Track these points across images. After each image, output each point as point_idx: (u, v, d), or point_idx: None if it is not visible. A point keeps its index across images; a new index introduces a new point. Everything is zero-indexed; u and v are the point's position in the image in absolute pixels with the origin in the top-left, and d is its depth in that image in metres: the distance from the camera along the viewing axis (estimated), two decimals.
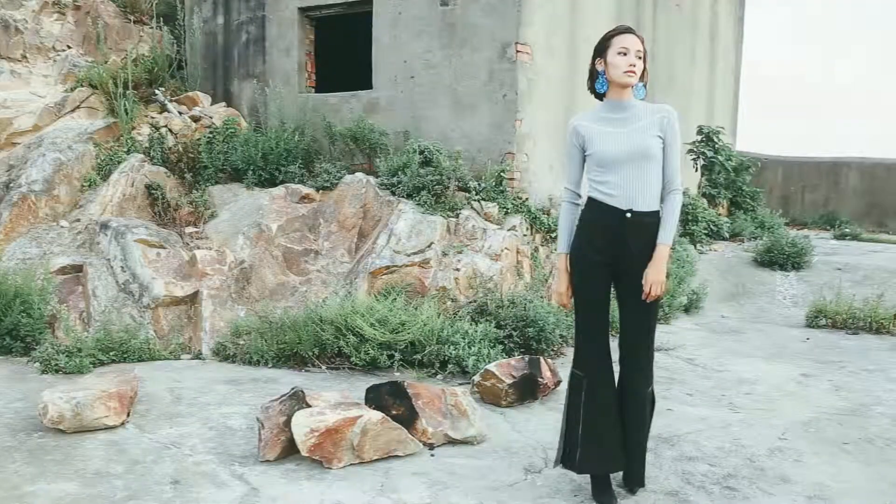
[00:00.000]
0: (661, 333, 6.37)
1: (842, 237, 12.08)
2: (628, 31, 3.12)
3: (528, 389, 4.49)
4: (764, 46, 42.89)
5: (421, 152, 6.68)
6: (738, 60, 12.71)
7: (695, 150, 10.61)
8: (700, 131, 10.78)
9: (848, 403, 4.69)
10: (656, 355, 5.75)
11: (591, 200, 3.19)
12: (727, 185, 11.44)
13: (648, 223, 3.11)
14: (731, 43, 12.29)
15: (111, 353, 5.13)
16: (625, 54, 3.05)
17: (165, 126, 7.53)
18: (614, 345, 3.27)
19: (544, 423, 4.21)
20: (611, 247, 3.12)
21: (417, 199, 6.41)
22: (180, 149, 7.19)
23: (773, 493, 3.36)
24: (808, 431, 4.16)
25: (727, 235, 10.40)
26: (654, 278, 3.10)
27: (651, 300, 3.12)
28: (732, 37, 12.37)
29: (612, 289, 3.27)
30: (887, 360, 5.85)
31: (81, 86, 7.64)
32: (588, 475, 3.27)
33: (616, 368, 3.29)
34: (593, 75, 3.21)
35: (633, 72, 3.06)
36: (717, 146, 10.90)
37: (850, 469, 3.65)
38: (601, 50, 3.14)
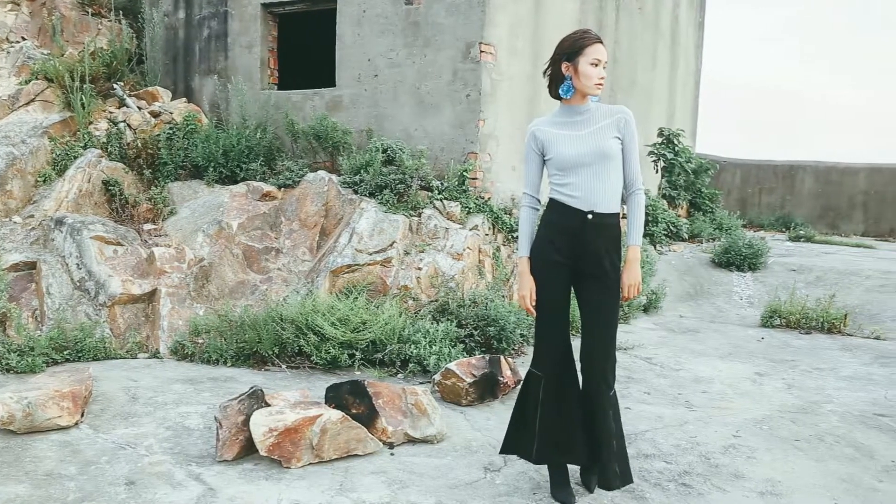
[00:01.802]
0: (621, 333, 6.44)
1: (797, 239, 12.35)
2: (599, 40, 3.11)
3: (488, 388, 4.51)
4: (723, 52, 43.61)
5: (384, 151, 6.67)
6: (698, 64, 12.91)
7: (655, 151, 10.75)
8: (660, 133, 10.93)
9: (800, 401, 4.80)
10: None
11: (552, 202, 3.21)
12: (687, 187, 11.61)
13: (609, 224, 3.15)
14: (691, 47, 12.48)
15: (65, 352, 5.03)
16: (596, 65, 3.06)
17: (124, 121, 7.40)
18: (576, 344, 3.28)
19: (504, 421, 4.20)
20: (572, 248, 3.15)
21: (380, 197, 6.39)
22: (139, 144, 7.07)
23: (727, 489, 3.42)
24: (761, 429, 4.25)
25: (686, 236, 10.57)
26: (632, 281, 3.18)
27: (626, 301, 3.19)
28: (693, 41, 12.56)
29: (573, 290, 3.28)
30: (838, 358, 6.00)
31: (36, 78, 7.47)
32: (547, 474, 3.30)
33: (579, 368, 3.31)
34: (557, 79, 3.16)
35: (603, 84, 3.11)
36: (677, 148, 11.06)
37: (801, 465, 3.73)
38: (572, 55, 3.08)
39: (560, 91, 3.15)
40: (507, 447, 3.38)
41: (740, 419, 4.41)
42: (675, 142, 11.00)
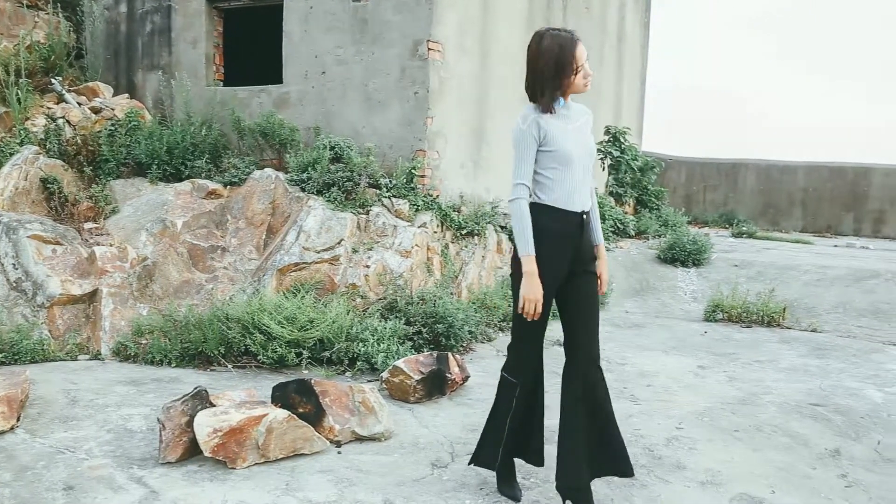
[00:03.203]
0: None
1: (739, 235, 12.66)
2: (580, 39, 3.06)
3: (436, 385, 4.53)
4: (667, 54, 44.41)
5: (331, 148, 6.63)
6: (644, 64, 13.14)
7: (602, 149, 10.91)
8: (607, 131, 11.10)
9: (740, 393, 4.93)
10: (559, 349, 5.91)
11: (543, 207, 3.03)
12: (633, 185, 11.81)
13: (591, 222, 3.20)
14: (637, 47, 12.69)
15: (0, 355, 4.88)
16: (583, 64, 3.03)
17: (63, 117, 7.20)
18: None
19: (452, 418, 4.26)
20: (573, 253, 3.08)
21: (328, 195, 6.35)
22: (79, 141, 6.89)
23: (669, 480, 3.50)
24: (702, 420, 4.34)
25: (633, 233, 10.75)
26: (607, 276, 3.28)
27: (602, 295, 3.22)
28: (639, 41, 12.77)
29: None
30: (777, 351, 6.17)
31: None
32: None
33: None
34: (552, 96, 3.03)
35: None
36: (623, 146, 11.25)
37: (740, 455, 3.83)
38: (572, 66, 2.99)
39: (555, 105, 3.07)
40: (479, 459, 3.31)
41: (683, 412, 4.50)
42: (622, 140, 11.18)
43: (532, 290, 2.96)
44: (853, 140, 40.18)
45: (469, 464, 3.35)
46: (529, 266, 2.95)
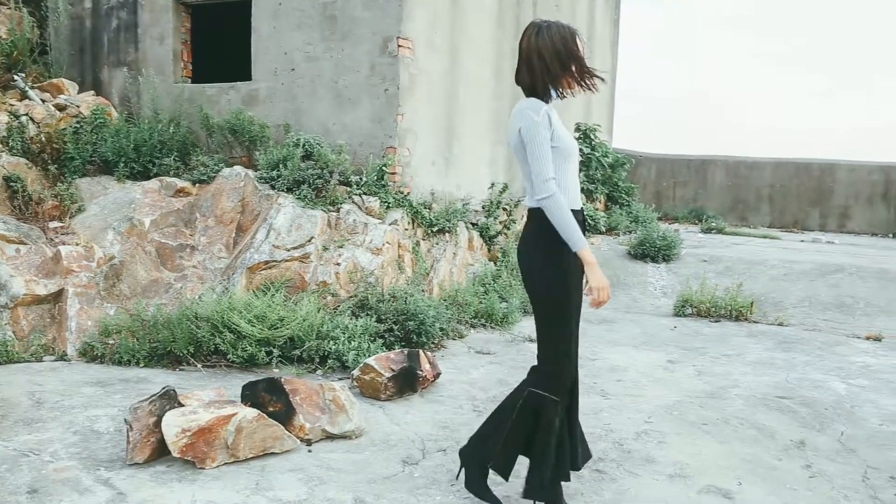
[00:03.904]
0: None
1: (708, 231, 12.81)
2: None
3: (407, 382, 4.52)
4: (636, 54, 44.78)
5: (302, 146, 6.59)
6: (613, 61, 13.23)
7: None
8: (578, 128, 11.16)
9: (709, 387, 4.99)
10: (533, 347, 5.92)
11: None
12: (604, 181, 11.89)
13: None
14: (607, 44, 12.77)
15: None
16: None
17: (26, 114, 7.06)
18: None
19: (423, 415, 4.26)
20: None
21: (298, 193, 6.31)
22: (43, 139, 6.77)
23: (639, 473, 3.53)
24: (672, 414, 4.39)
25: (604, 229, 10.83)
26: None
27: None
28: (609, 38, 12.85)
29: None
30: (745, 345, 6.26)
31: None
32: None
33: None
34: (556, 88, 2.95)
35: None
36: (593, 143, 11.32)
37: (708, 448, 3.88)
38: (576, 58, 2.94)
39: (553, 93, 2.99)
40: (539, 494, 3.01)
41: (652, 406, 4.55)
42: (592, 137, 11.26)
43: (602, 278, 2.88)
44: (821, 138, 40.87)
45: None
46: (590, 257, 2.86)
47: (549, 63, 2.89)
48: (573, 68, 2.93)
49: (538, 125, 2.82)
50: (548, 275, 2.90)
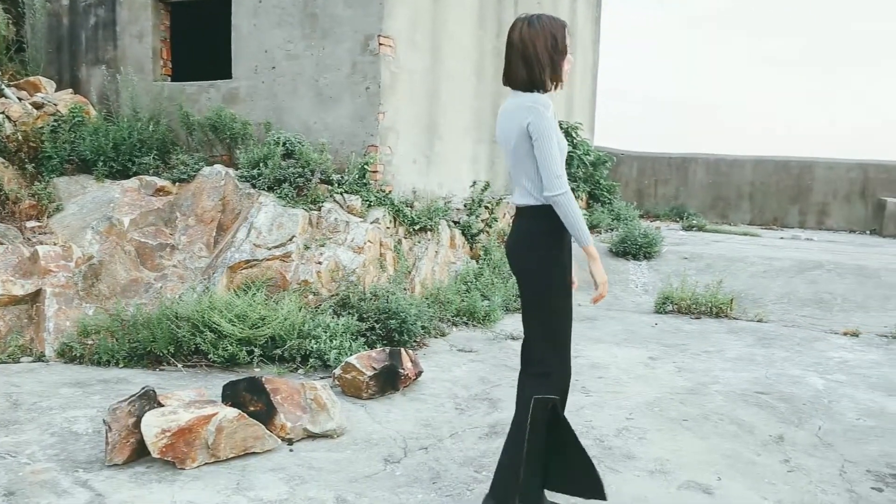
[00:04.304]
0: (519, 323, 6.59)
1: (689, 228, 12.89)
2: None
3: (389, 381, 4.52)
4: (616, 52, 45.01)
5: (283, 144, 6.56)
6: (595, 60, 13.27)
7: None
8: (560, 126, 11.16)
9: (689, 383, 5.02)
10: (515, 345, 5.95)
11: (550, 209, 2.82)
12: (586, 179, 11.93)
13: None
14: (588, 42, 12.81)
15: None
16: None
17: (3, 113, 6.97)
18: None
19: (405, 413, 4.26)
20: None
21: (279, 191, 6.28)
22: (20, 137, 6.69)
23: (619, 469, 3.55)
24: (652, 411, 4.42)
25: None
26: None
27: None
28: (590, 36, 12.90)
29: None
30: (724, 341, 6.31)
31: None
32: (445, 465, 3.32)
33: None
34: (553, 82, 2.88)
35: None
36: (575, 141, 11.35)
37: (688, 444, 3.91)
38: (564, 46, 2.86)
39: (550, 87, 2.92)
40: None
41: (633, 402, 4.57)
42: (574, 135, 11.29)
43: (605, 274, 2.92)
44: (802, 135, 41.27)
45: None
46: (596, 252, 2.87)
47: (545, 55, 2.82)
48: (559, 71, 2.87)
49: (549, 120, 2.76)
50: (549, 274, 2.86)
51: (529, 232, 2.90)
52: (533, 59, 2.81)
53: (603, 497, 2.87)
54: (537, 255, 2.88)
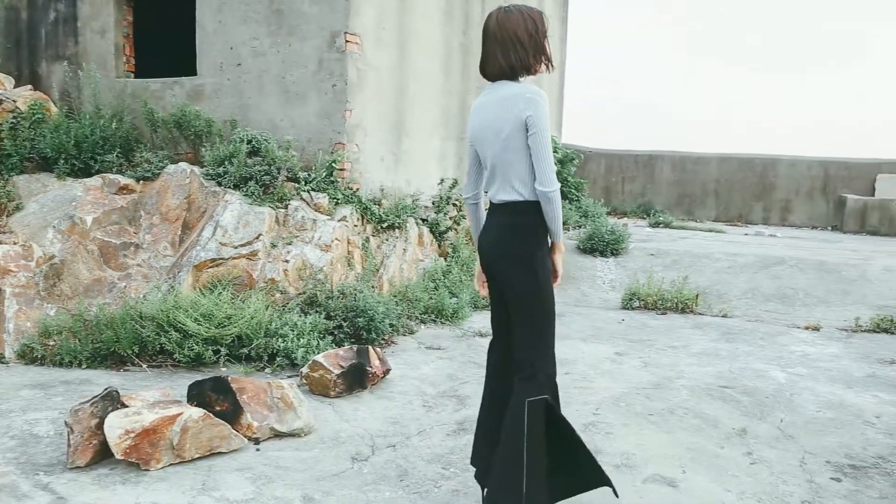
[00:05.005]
0: (488, 320, 6.61)
1: (656, 225, 13.03)
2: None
3: (356, 379, 4.51)
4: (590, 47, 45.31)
5: (249, 142, 6.50)
6: (562, 57, 13.34)
7: None
8: None
9: (655, 378, 5.08)
10: (483, 342, 5.97)
11: (537, 204, 2.78)
12: None
13: None
14: (556, 41, 12.87)
15: None
16: None
17: None
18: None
19: (373, 411, 4.26)
20: None
21: (245, 189, 6.23)
22: None
23: None
24: (618, 406, 4.47)
25: None
26: None
27: None
28: (558, 35, 12.96)
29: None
30: (690, 336, 6.39)
31: None
32: (413, 462, 3.32)
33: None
34: (543, 55, 2.81)
35: None
36: None
37: (653, 438, 3.96)
38: (544, 29, 2.80)
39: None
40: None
41: (600, 397, 4.62)
42: None
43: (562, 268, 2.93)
44: (765, 133, 41.90)
45: None
46: (563, 247, 2.91)
47: (525, 36, 2.74)
48: (545, 48, 2.80)
49: (546, 114, 2.69)
50: (537, 271, 2.77)
51: (515, 229, 2.80)
52: (514, 43, 2.73)
53: (609, 483, 2.88)
54: (526, 253, 2.77)
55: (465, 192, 3.11)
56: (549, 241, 2.86)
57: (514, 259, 2.79)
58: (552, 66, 2.86)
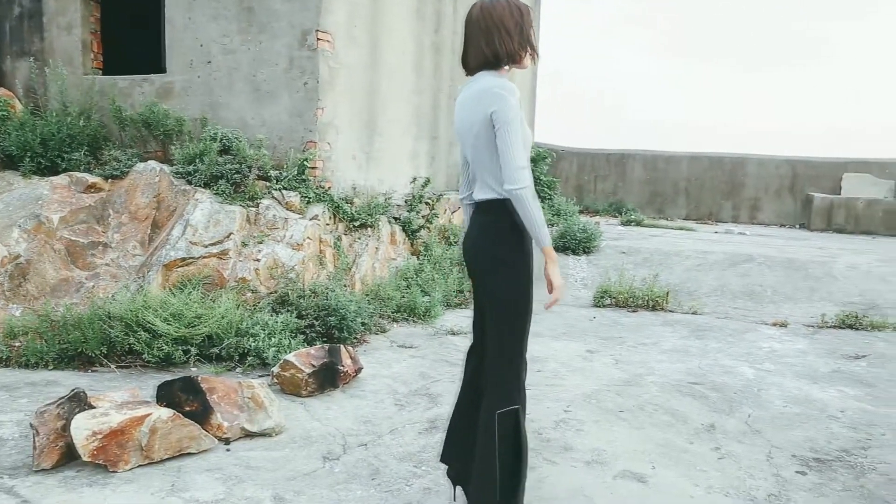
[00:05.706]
0: (459, 318, 6.62)
1: (628, 223, 13.14)
2: None
3: (328, 378, 4.49)
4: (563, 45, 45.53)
5: (219, 140, 6.44)
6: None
7: None
8: None
9: (625, 375, 5.13)
10: (455, 340, 5.98)
11: (509, 202, 2.66)
12: None
13: None
14: None
15: None
16: None
17: None
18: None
19: (345, 410, 4.24)
20: None
21: (215, 188, 6.17)
22: None
23: (556, 461, 3.60)
24: (589, 403, 4.50)
25: None
26: None
27: None
28: None
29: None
30: (660, 333, 6.45)
31: None
32: (384, 461, 3.32)
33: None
34: (528, 43, 2.71)
35: None
36: None
37: (623, 434, 3.99)
38: (529, 18, 2.72)
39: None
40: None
41: (571, 395, 4.64)
42: None
43: (561, 278, 2.79)
44: (734, 132, 42.42)
45: None
46: (555, 254, 2.75)
47: (510, 22, 2.66)
48: (531, 37, 2.72)
49: (515, 109, 2.58)
50: (514, 273, 2.71)
51: (491, 228, 2.73)
52: (500, 29, 2.65)
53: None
54: (502, 254, 2.71)
55: (460, 192, 3.03)
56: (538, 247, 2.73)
57: (492, 260, 2.73)
58: (538, 56, 2.78)
